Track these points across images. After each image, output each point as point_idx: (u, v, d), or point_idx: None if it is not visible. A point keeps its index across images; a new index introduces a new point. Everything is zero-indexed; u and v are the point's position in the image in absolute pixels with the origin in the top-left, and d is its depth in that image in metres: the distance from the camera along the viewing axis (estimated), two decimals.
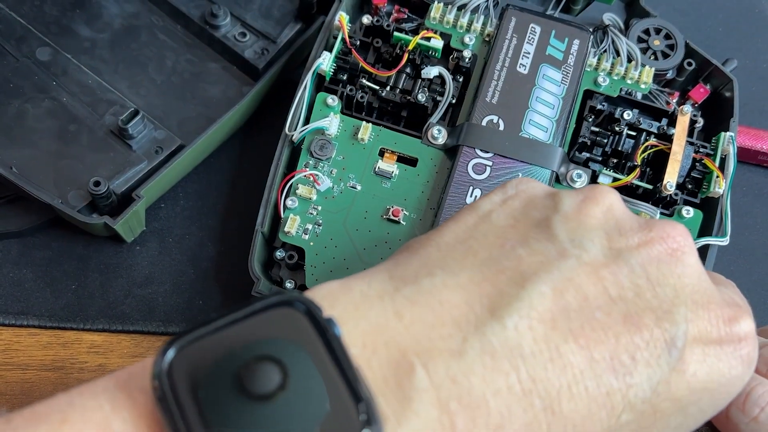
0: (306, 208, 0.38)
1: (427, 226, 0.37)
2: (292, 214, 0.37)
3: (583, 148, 0.40)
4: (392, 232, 0.37)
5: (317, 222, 0.38)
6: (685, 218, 0.38)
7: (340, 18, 0.40)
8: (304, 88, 0.39)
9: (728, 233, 0.37)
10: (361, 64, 0.40)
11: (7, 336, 0.39)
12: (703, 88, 0.43)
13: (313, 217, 0.38)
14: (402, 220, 0.38)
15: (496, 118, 0.38)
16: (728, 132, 0.40)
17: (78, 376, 0.38)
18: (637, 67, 0.41)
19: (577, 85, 0.40)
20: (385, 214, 0.38)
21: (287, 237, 0.37)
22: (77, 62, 0.43)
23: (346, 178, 0.38)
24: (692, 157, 0.39)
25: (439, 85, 0.40)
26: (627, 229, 0.26)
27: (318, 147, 0.39)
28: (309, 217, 0.38)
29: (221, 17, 0.44)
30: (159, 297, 0.41)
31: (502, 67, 0.40)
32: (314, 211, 0.38)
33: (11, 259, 0.41)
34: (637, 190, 0.39)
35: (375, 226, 0.37)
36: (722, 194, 0.38)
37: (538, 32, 0.40)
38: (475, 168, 0.37)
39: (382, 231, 0.37)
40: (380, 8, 0.43)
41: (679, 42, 0.43)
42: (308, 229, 0.37)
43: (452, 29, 0.41)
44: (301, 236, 0.37)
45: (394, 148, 0.39)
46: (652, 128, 0.39)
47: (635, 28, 0.43)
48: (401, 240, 0.37)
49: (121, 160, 0.40)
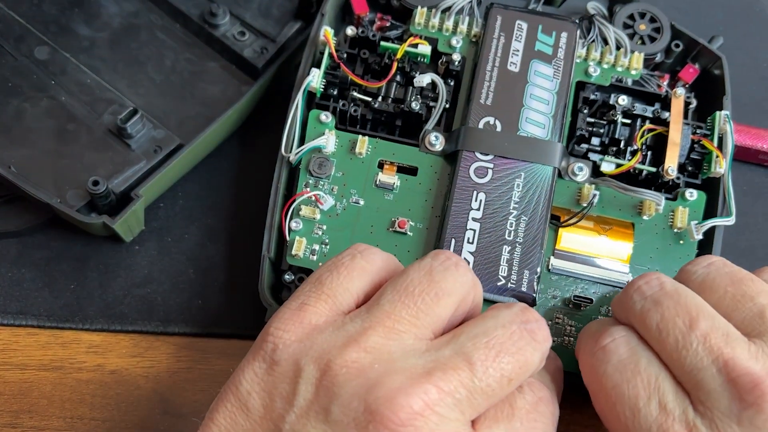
0: (311, 229, 0.37)
1: (434, 234, 0.37)
2: (297, 237, 0.37)
3: (581, 140, 0.40)
4: (400, 244, 0.37)
5: (324, 242, 0.37)
6: (688, 201, 0.38)
7: (325, 33, 0.40)
8: (295, 107, 0.39)
9: (733, 212, 0.37)
10: (350, 77, 0.39)
11: (6, 336, 0.39)
12: (692, 68, 0.43)
13: (319, 237, 0.37)
14: (409, 231, 0.37)
15: (492, 119, 0.38)
16: (723, 111, 0.39)
17: (76, 376, 0.38)
18: (626, 54, 0.41)
19: (570, 78, 0.39)
20: (391, 227, 0.37)
21: (295, 260, 0.37)
22: (76, 61, 0.43)
23: (348, 195, 0.38)
24: (690, 138, 0.39)
25: (431, 91, 0.40)
26: (347, 418, 0.25)
27: (316, 165, 0.38)
28: (315, 238, 0.37)
29: (220, 16, 0.44)
30: (158, 297, 0.40)
31: (492, 67, 0.39)
32: (320, 231, 0.37)
33: (10, 259, 0.41)
34: (639, 176, 0.39)
35: (382, 240, 0.37)
36: (723, 173, 0.38)
37: (525, 29, 0.40)
38: (477, 172, 0.37)
39: (390, 244, 0.37)
40: (363, 18, 0.43)
41: (664, 24, 0.43)
42: (315, 249, 0.37)
43: (438, 33, 0.41)
44: (309, 257, 0.37)
45: (393, 159, 0.39)
46: (646, 113, 0.39)
47: (620, 15, 0.43)
48: (410, 251, 0.37)
49: (119, 160, 0.40)
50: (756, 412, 0.26)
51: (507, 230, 0.36)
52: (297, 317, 0.28)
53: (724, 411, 0.27)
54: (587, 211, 0.37)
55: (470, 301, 0.29)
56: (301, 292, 0.29)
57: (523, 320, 0.28)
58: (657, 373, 0.28)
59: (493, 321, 0.27)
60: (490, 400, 0.26)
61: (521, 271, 0.35)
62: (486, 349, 0.26)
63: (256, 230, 0.39)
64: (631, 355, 0.29)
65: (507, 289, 0.35)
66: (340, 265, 0.29)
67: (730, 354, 0.27)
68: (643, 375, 0.28)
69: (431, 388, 0.25)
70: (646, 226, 0.38)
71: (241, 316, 0.40)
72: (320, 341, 0.27)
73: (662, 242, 0.38)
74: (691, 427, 0.27)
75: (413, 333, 0.27)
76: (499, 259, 0.36)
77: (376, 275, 0.30)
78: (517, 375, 0.27)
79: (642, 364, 0.29)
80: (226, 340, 0.40)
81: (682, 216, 0.38)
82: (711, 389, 0.27)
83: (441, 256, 0.29)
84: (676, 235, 0.38)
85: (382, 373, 0.26)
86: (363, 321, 0.27)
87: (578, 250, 0.37)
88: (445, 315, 0.28)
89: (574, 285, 0.37)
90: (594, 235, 0.38)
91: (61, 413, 0.37)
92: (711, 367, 0.27)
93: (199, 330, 0.40)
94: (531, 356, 0.27)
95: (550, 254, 0.37)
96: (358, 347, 0.26)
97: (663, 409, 0.27)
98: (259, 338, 0.28)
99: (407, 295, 0.27)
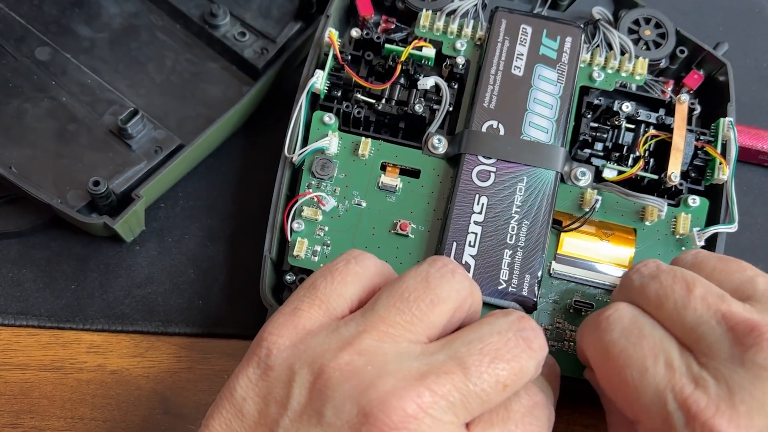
0: (313, 230, 0.37)
1: (436, 237, 0.37)
2: (299, 237, 0.37)
3: (585, 145, 0.40)
4: (402, 246, 0.37)
5: (325, 243, 0.37)
6: (691, 207, 0.38)
7: (330, 34, 0.40)
8: (299, 108, 0.39)
9: (736, 219, 0.37)
10: (354, 79, 0.39)
11: (6, 336, 0.39)
12: (697, 74, 0.43)
13: (320, 238, 0.37)
14: (410, 234, 0.37)
15: (495, 123, 0.38)
16: (727, 117, 0.39)
17: (77, 376, 0.38)
18: (630, 60, 0.41)
19: (573, 83, 0.39)
20: (393, 229, 0.37)
21: (297, 261, 0.37)
22: (76, 62, 0.43)
23: (350, 196, 0.38)
24: (694, 145, 0.39)
25: (434, 94, 0.40)
26: (340, 421, 0.25)
27: (319, 167, 0.38)
28: (317, 239, 0.37)
29: (221, 17, 0.44)
30: (158, 297, 0.41)
31: (496, 71, 0.39)
32: (321, 232, 0.37)
33: (10, 259, 0.41)
34: (642, 182, 0.39)
35: (384, 242, 0.37)
36: (726, 180, 0.38)
37: (529, 33, 0.40)
38: (480, 175, 0.37)
39: (391, 246, 0.37)
40: (368, 20, 0.43)
41: (669, 30, 0.43)
42: (317, 250, 0.37)
43: (443, 36, 0.41)
44: (311, 258, 0.37)
45: (396, 161, 0.39)
46: (650, 119, 0.39)
47: (625, 20, 0.43)
48: (411, 254, 0.37)
49: (120, 160, 0.40)
50: (757, 351, 0.27)
51: (509, 234, 0.36)
52: (291, 322, 0.28)
53: (727, 357, 0.27)
54: (589, 216, 0.37)
55: (467, 308, 0.29)
56: (295, 296, 0.29)
57: (519, 328, 0.28)
58: (661, 336, 0.29)
59: (488, 327, 0.28)
60: (485, 405, 0.26)
61: (522, 276, 0.36)
62: (480, 354, 0.26)
63: (257, 231, 0.39)
64: (635, 321, 0.30)
65: (508, 293, 0.35)
66: (335, 270, 0.29)
67: (727, 308, 0.28)
68: (648, 338, 0.29)
69: (425, 391, 0.25)
70: (648, 231, 0.38)
71: (241, 316, 0.40)
72: (314, 345, 0.27)
73: (664, 248, 0.38)
74: (697, 379, 0.27)
75: (407, 338, 0.27)
76: (501, 263, 0.36)
77: (370, 281, 0.30)
78: (512, 382, 0.27)
79: (646, 328, 0.29)
80: (227, 341, 0.40)
81: (684, 222, 0.38)
82: (712, 340, 0.28)
83: (438, 263, 0.29)
84: (679, 242, 0.38)
85: (375, 376, 0.26)
86: (357, 325, 0.27)
87: (580, 255, 0.37)
88: (440, 322, 0.28)
89: (575, 290, 0.37)
90: (596, 240, 0.38)
91: (62, 413, 0.38)
92: (710, 320, 0.28)
93: (199, 330, 0.40)
94: (526, 364, 0.27)
95: (551, 259, 0.37)
96: (352, 350, 0.26)
97: (669, 366, 0.28)
98: (253, 344, 0.28)
99: (402, 301, 0.27)
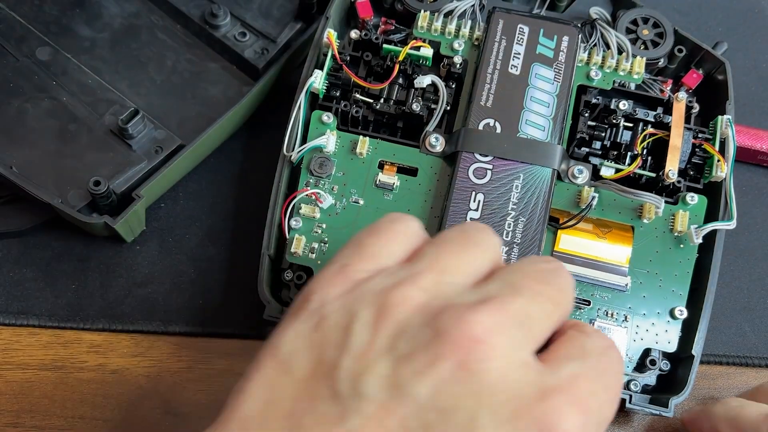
0: (311, 227, 0.38)
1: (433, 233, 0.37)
2: (297, 235, 0.37)
3: (582, 144, 0.40)
4: None
5: (323, 240, 0.38)
6: (689, 205, 0.38)
7: (329, 35, 0.40)
8: (298, 107, 0.39)
9: (734, 216, 0.37)
10: (353, 78, 0.40)
11: (7, 335, 0.39)
12: (695, 73, 0.43)
13: (318, 235, 0.38)
14: None
15: (492, 121, 0.38)
16: (725, 115, 0.40)
17: (78, 375, 0.38)
18: (628, 59, 0.41)
19: (570, 82, 0.40)
20: None
21: (294, 258, 0.37)
22: (77, 62, 0.43)
23: (348, 194, 0.38)
24: (692, 143, 0.39)
25: (432, 93, 0.40)
26: (414, 347, 0.24)
27: (317, 165, 0.39)
28: (314, 236, 0.38)
29: (221, 17, 0.44)
30: (159, 297, 0.41)
31: (493, 70, 0.40)
32: (319, 230, 0.38)
33: (11, 259, 0.41)
34: (640, 180, 0.39)
35: None
36: (725, 178, 0.38)
37: (526, 32, 0.40)
38: (476, 173, 0.37)
39: None
40: (367, 22, 0.43)
41: (667, 29, 0.43)
42: (315, 248, 0.37)
43: (441, 36, 0.41)
44: (308, 256, 0.37)
45: (393, 160, 0.39)
46: (648, 117, 0.40)
47: (623, 20, 0.43)
48: None
49: (121, 160, 0.40)
50: None
51: (505, 231, 0.36)
52: (340, 275, 0.27)
53: None
54: (586, 213, 0.37)
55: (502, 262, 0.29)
56: (341, 255, 0.28)
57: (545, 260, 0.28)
58: None
59: (522, 262, 0.27)
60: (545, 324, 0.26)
61: None
62: (527, 278, 0.26)
63: (257, 231, 0.39)
64: None
65: None
66: (380, 229, 0.29)
67: None
68: None
69: (494, 312, 0.24)
70: (646, 229, 0.38)
71: (242, 315, 0.40)
72: (371, 287, 0.26)
73: (662, 246, 0.38)
74: None
75: (459, 280, 0.26)
76: None
77: (414, 240, 0.29)
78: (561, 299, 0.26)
79: None
80: (227, 340, 0.40)
81: (682, 220, 0.38)
82: None
83: (471, 222, 0.29)
84: (677, 239, 0.38)
85: (442, 305, 0.25)
86: (411, 268, 0.26)
87: (577, 252, 0.37)
88: (484, 267, 0.27)
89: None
90: (593, 237, 0.38)
91: (63, 413, 0.38)
92: None
93: (200, 330, 0.40)
94: (565, 282, 0.27)
95: (548, 256, 0.37)
96: (414, 287, 0.25)
97: None
98: (298, 300, 0.27)
99: (448, 247, 0.27)
